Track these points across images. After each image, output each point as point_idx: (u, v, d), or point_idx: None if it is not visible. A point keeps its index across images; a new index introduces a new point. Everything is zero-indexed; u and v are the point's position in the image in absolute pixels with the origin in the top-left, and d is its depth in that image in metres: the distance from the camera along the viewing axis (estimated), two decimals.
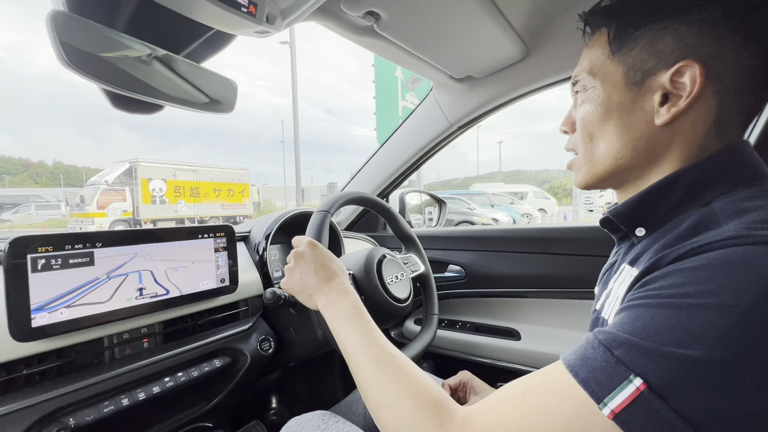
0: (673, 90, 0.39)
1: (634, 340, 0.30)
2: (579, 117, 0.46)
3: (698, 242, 0.32)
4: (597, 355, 0.31)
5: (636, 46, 0.41)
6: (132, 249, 0.67)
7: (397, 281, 0.83)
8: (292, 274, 0.62)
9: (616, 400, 0.29)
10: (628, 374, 0.29)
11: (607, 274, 0.49)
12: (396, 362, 0.45)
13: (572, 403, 0.31)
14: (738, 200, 0.35)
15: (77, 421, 0.58)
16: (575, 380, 0.31)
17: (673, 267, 0.32)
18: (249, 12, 0.55)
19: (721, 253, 0.30)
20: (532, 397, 0.34)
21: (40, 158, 77.81)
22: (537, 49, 0.92)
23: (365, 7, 0.70)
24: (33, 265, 0.56)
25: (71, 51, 0.47)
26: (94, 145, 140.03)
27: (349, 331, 0.51)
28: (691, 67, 0.37)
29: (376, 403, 0.43)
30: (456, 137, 1.23)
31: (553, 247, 1.12)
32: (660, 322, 0.30)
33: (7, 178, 45.95)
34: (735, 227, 0.32)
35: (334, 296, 0.57)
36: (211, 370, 0.77)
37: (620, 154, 0.43)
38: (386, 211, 0.96)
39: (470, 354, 1.18)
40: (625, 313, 0.33)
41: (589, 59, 0.45)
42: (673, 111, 0.38)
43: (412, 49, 0.87)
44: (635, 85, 0.41)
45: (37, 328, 0.56)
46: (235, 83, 0.69)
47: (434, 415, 0.38)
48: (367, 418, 0.85)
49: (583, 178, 0.47)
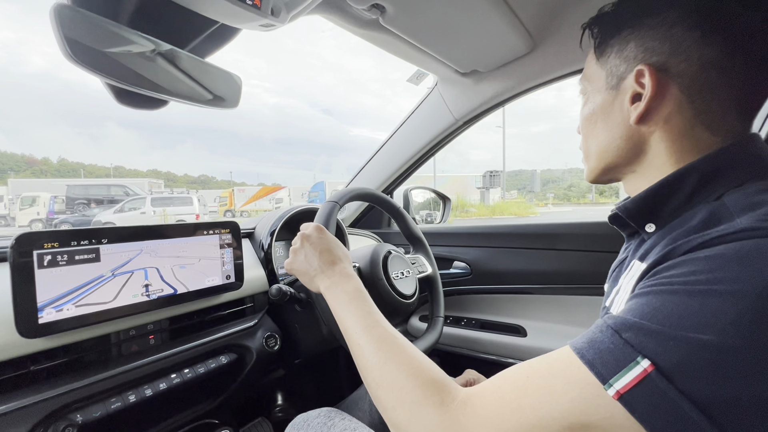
0: (641, 90, 0.42)
1: (643, 323, 0.30)
2: (580, 119, 0.51)
3: (710, 235, 0.32)
4: (605, 338, 0.31)
5: (612, 53, 0.45)
6: (137, 245, 0.66)
7: (403, 277, 0.82)
8: (297, 255, 0.63)
9: (623, 381, 0.29)
10: (635, 356, 0.29)
11: (617, 270, 0.49)
12: (397, 343, 0.46)
13: (577, 384, 0.31)
14: (750, 193, 0.35)
15: (85, 418, 0.59)
16: (581, 361, 0.31)
17: (685, 257, 0.33)
18: (254, 5, 0.54)
19: (735, 245, 0.30)
20: (536, 377, 0.34)
21: (44, 155, 77.92)
22: (544, 43, 0.91)
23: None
24: (39, 261, 0.55)
25: (75, 45, 0.47)
26: (90, 144, 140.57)
27: (351, 312, 0.52)
28: (646, 69, 0.40)
29: (377, 382, 0.43)
30: (461, 132, 1.23)
31: (559, 243, 1.11)
32: (671, 307, 0.30)
33: (12, 175, 45.91)
34: (748, 220, 0.32)
35: (336, 279, 0.57)
36: (217, 366, 0.77)
37: (605, 151, 0.47)
38: (395, 210, 0.96)
39: (476, 351, 1.17)
40: (635, 300, 0.33)
41: (587, 65, 0.50)
42: (639, 109, 0.41)
43: (417, 43, 0.86)
44: (613, 88, 0.45)
45: (43, 324, 0.55)
46: (239, 78, 0.68)
47: (435, 394, 0.38)
48: (372, 415, 0.85)
49: (587, 173, 0.52)
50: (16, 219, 15.41)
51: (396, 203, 0.95)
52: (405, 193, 1.45)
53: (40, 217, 14.96)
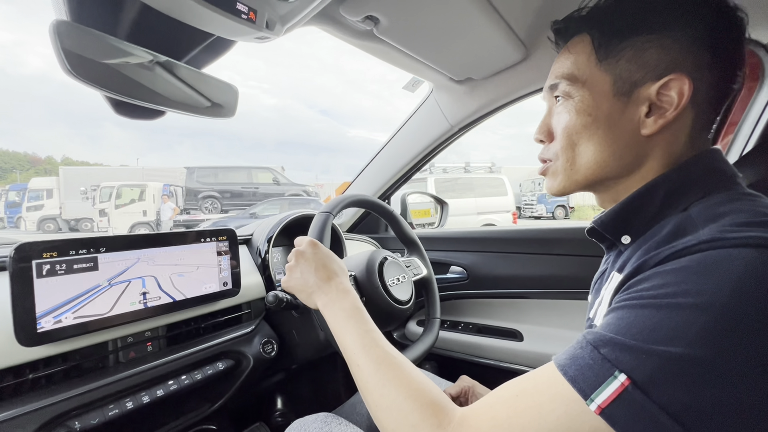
0: (657, 102, 0.40)
1: (618, 339, 0.31)
2: (561, 125, 0.46)
3: (676, 246, 0.34)
4: (585, 354, 0.33)
5: (623, 57, 0.41)
6: (135, 254, 0.67)
7: (399, 283, 0.83)
8: (293, 272, 0.63)
9: (603, 395, 0.30)
10: (613, 371, 0.30)
11: (598, 282, 0.50)
12: (395, 363, 0.46)
13: (562, 401, 0.32)
14: (713, 205, 0.37)
15: (82, 425, 0.59)
16: (564, 378, 0.33)
17: (654, 270, 0.34)
18: (249, 19, 0.55)
19: (698, 256, 0.32)
20: (524, 396, 0.35)
21: (47, 154, 77.18)
22: (537, 51, 0.93)
23: (364, 11, 0.70)
24: (38, 270, 0.56)
25: (74, 59, 0.48)
26: (88, 144, 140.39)
27: (349, 331, 0.52)
28: (680, 81, 0.39)
29: (376, 404, 0.44)
30: (457, 138, 1.24)
31: (555, 248, 1.12)
32: (642, 321, 0.31)
33: (17, 174, 45.56)
34: (710, 231, 0.33)
35: (333, 296, 0.57)
36: (214, 373, 0.78)
37: (605, 163, 0.43)
38: (389, 214, 0.97)
39: (473, 355, 1.18)
40: (612, 314, 0.34)
41: (570, 64, 0.45)
42: (660, 123, 0.40)
43: (411, 52, 0.87)
44: (623, 95, 0.42)
45: (42, 332, 0.56)
46: (236, 88, 0.70)
47: (432, 416, 0.39)
48: (370, 420, 0.85)
49: (560, 184, 0.47)
50: (110, 219, 10.14)
51: (388, 207, 0.96)
52: (402, 198, 1.46)
53: (148, 219, 10.11)
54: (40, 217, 12.97)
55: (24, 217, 13.22)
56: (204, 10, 0.51)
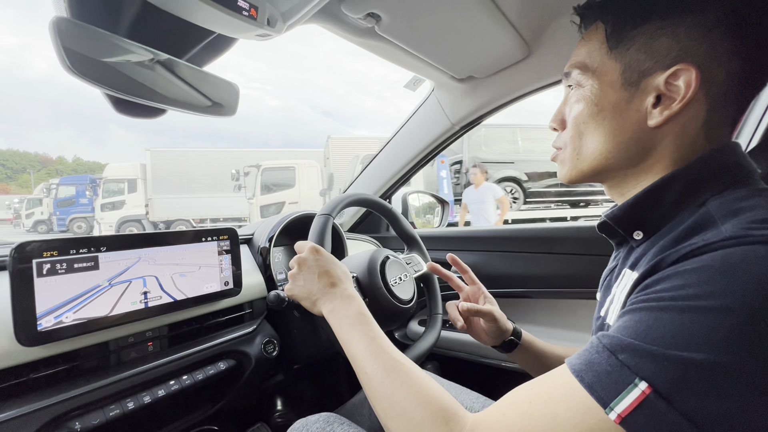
0: (666, 92, 0.39)
1: (637, 344, 0.30)
2: (571, 114, 0.46)
3: (696, 244, 0.32)
4: (602, 359, 0.31)
5: (633, 45, 0.40)
6: (136, 253, 0.67)
7: (401, 282, 0.82)
8: (296, 280, 0.62)
9: (623, 404, 0.28)
10: (633, 378, 0.29)
11: (608, 279, 0.49)
12: (404, 370, 0.45)
13: (579, 409, 0.31)
14: (732, 200, 0.35)
15: (83, 425, 0.59)
16: (581, 385, 0.31)
17: (673, 269, 0.32)
18: (250, 15, 0.55)
19: (721, 254, 0.30)
20: (538, 403, 0.34)
21: (59, 154, 76.60)
22: (539, 49, 0.92)
23: (366, 9, 0.70)
24: (38, 269, 0.56)
25: (74, 57, 0.48)
26: (94, 146, 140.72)
27: (356, 338, 0.51)
28: (687, 71, 0.37)
29: (386, 413, 0.43)
30: (458, 137, 1.23)
31: (557, 247, 1.11)
32: (662, 325, 0.30)
33: (30, 174, 45.23)
34: (732, 227, 0.32)
35: (338, 303, 0.56)
36: (215, 373, 0.77)
37: (610, 154, 0.43)
38: (388, 212, 0.96)
39: (475, 354, 1.17)
40: (628, 316, 0.33)
41: (584, 53, 0.44)
42: (665, 114, 0.39)
43: (413, 50, 0.87)
44: (631, 85, 0.41)
45: (43, 332, 0.56)
46: (237, 86, 0.69)
47: (443, 423, 0.38)
48: (372, 420, 0.85)
49: (568, 173, 0.48)
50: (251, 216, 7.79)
51: (387, 204, 0.96)
52: (403, 197, 1.45)
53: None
54: (121, 219, 9.50)
55: (98, 218, 9.65)
56: (205, 7, 0.51)
